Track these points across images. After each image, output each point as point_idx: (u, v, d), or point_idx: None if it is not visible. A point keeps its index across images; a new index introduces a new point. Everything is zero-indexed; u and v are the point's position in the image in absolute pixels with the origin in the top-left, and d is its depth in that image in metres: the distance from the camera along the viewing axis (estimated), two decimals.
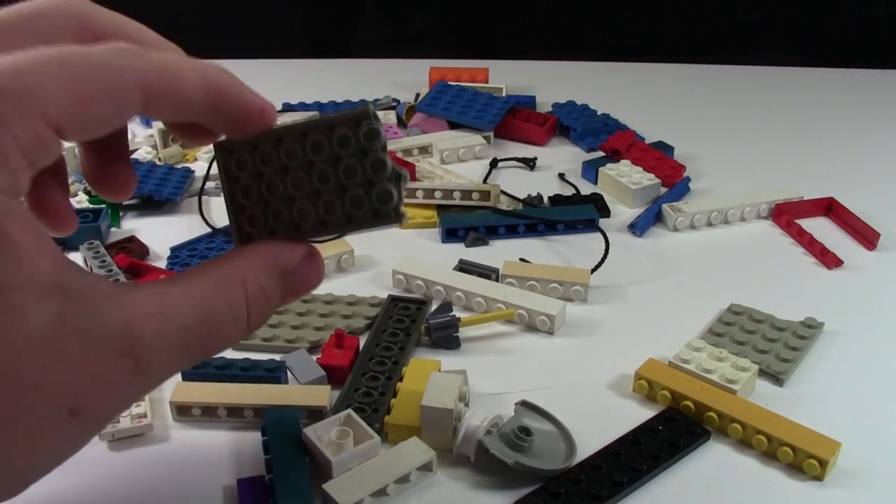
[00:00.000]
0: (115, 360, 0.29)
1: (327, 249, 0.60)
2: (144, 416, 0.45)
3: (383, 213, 0.36)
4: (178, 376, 0.48)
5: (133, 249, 0.62)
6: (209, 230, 0.65)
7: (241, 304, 0.33)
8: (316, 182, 0.35)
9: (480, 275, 0.58)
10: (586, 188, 0.73)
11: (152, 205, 0.68)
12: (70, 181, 0.50)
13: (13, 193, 0.29)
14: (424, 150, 0.78)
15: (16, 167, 0.29)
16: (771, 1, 1.19)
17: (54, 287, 0.29)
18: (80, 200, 0.68)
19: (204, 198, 0.69)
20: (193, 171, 0.74)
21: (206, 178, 0.71)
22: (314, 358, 0.50)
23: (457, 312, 0.54)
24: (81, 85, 0.30)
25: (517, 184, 0.71)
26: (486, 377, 0.50)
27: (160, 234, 0.65)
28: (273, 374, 0.48)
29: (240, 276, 0.33)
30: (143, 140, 0.79)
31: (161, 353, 0.30)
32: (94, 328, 0.29)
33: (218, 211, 0.68)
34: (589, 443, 0.45)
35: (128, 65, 0.31)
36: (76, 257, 0.59)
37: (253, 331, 0.35)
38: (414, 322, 0.54)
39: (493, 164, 0.76)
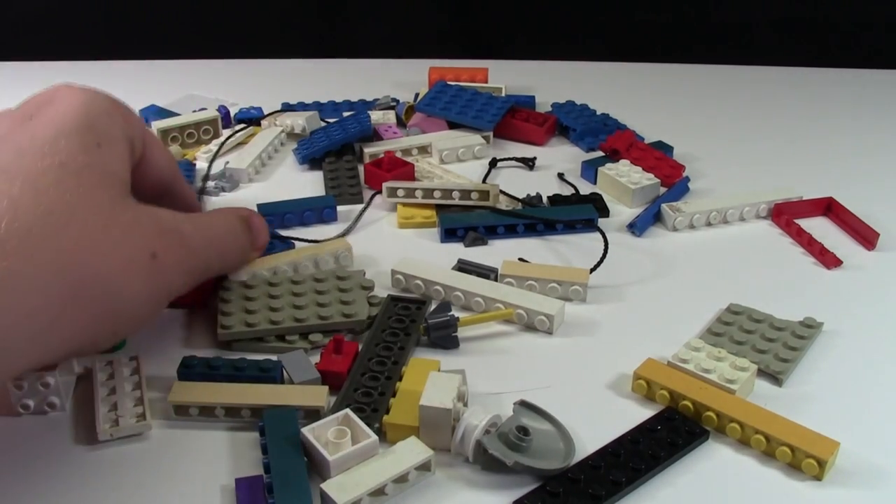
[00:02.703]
0: (170, 232, 0.46)
1: (325, 250, 0.60)
2: (143, 416, 0.45)
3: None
4: (176, 377, 0.48)
5: None
6: None
7: (235, 224, 0.54)
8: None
9: (479, 275, 0.58)
10: (585, 188, 0.72)
11: None
12: None
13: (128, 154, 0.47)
14: (424, 149, 0.78)
15: (125, 150, 0.47)
16: (771, 1, 1.19)
17: (130, 196, 0.46)
18: None
19: (204, 197, 0.70)
20: (195, 165, 0.74)
21: (207, 177, 0.72)
22: (312, 358, 0.50)
23: (456, 312, 0.54)
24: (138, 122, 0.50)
25: (516, 184, 0.71)
26: (484, 377, 0.50)
27: None
28: (269, 373, 0.48)
29: (217, 213, 0.54)
30: None
31: (195, 239, 0.48)
32: (153, 212, 0.46)
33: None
34: (588, 442, 0.45)
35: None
36: None
37: (243, 259, 0.56)
38: (413, 322, 0.53)
39: (493, 163, 0.76)
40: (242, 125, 0.81)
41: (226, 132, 0.80)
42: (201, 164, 0.75)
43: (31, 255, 0.37)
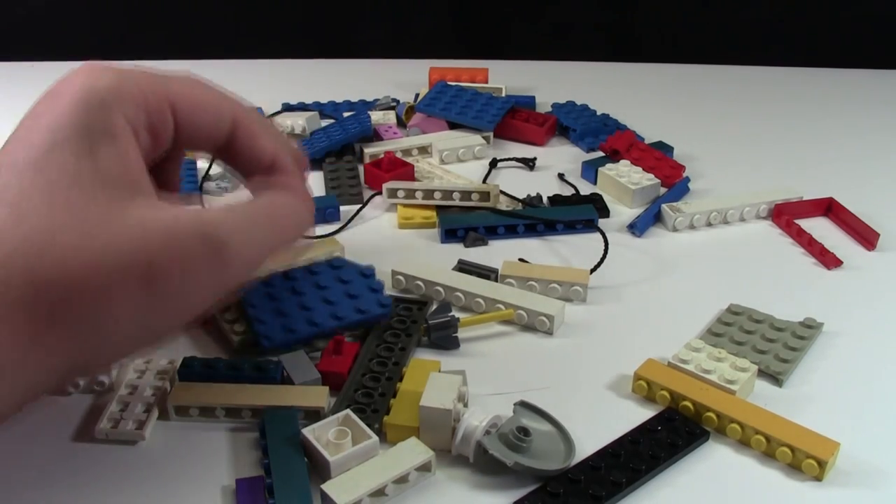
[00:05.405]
0: (191, 239, 0.39)
1: (317, 250, 0.60)
2: (142, 425, 0.45)
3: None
4: (176, 377, 0.48)
5: None
6: None
7: (292, 201, 0.45)
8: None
9: (480, 275, 0.58)
10: (586, 188, 0.72)
11: None
12: None
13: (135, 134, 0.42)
14: (424, 150, 0.78)
15: (128, 143, 0.41)
16: (771, 1, 1.19)
17: (141, 196, 0.39)
18: None
19: (204, 196, 0.70)
20: (196, 163, 0.74)
21: (206, 177, 0.72)
22: (312, 359, 0.50)
23: (456, 313, 0.54)
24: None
25: (517, 184, 0.71)
26: (485, 377, 0.50)
27: None
28: (269, 374, 0.48)
29: (276, 196, 0.45)
30: None
31: (236, 234, 0.40)
32: (166, 216, 0.39)
33: None
34: (588, 443, 0.45)
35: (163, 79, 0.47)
36: None
37: (305, 228, 0.47)
38: (415, 322, 0.53)
39: (493, 164, 0.76)
40: None
41: None
42: (202, 164, 0.75)
43: (6, 279, 0.35)
